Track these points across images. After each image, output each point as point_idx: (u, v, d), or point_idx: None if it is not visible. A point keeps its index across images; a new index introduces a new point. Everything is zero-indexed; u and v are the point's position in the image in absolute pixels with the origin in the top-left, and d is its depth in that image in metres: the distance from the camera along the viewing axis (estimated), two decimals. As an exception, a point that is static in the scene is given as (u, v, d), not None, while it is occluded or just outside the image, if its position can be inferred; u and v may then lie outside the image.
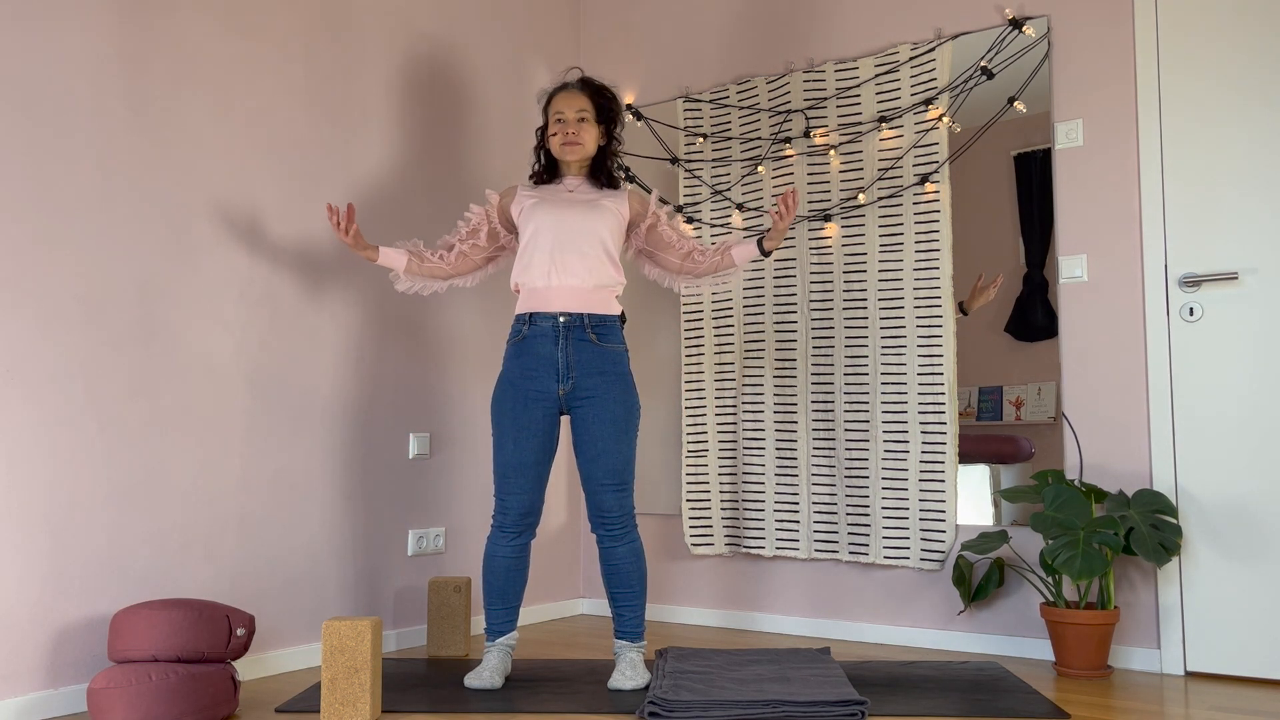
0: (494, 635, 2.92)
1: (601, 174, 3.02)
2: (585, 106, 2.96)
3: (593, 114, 2.98)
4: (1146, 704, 2.67)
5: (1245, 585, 2.96)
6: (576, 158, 2.97)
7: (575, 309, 2.86)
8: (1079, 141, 3.29)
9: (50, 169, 2.68)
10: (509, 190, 3.07)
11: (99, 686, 2.39)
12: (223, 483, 3.02)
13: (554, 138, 2.98)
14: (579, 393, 2.86)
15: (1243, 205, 3.03)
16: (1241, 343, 3.01)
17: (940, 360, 3.46)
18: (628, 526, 2.88)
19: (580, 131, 2.95)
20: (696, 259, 3.02)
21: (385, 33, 3.59)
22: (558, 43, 4.35)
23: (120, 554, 2.77)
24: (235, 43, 3.13)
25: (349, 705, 2.44)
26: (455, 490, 3.75)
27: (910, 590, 3.52)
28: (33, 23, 2.66)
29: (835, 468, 3.65)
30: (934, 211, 3.51)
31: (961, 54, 3.50)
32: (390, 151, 3.58)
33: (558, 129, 2.97)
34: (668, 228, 3.05)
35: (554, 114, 2.98)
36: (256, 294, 3.14)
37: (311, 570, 3.25)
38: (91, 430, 2.73)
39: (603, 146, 3.02)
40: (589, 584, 4.26)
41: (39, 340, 2.64)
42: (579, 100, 2.97)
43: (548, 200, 2.94)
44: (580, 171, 3.03)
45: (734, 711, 2.45)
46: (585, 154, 2.98)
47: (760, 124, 3.91)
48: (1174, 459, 3.09)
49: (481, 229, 3.05)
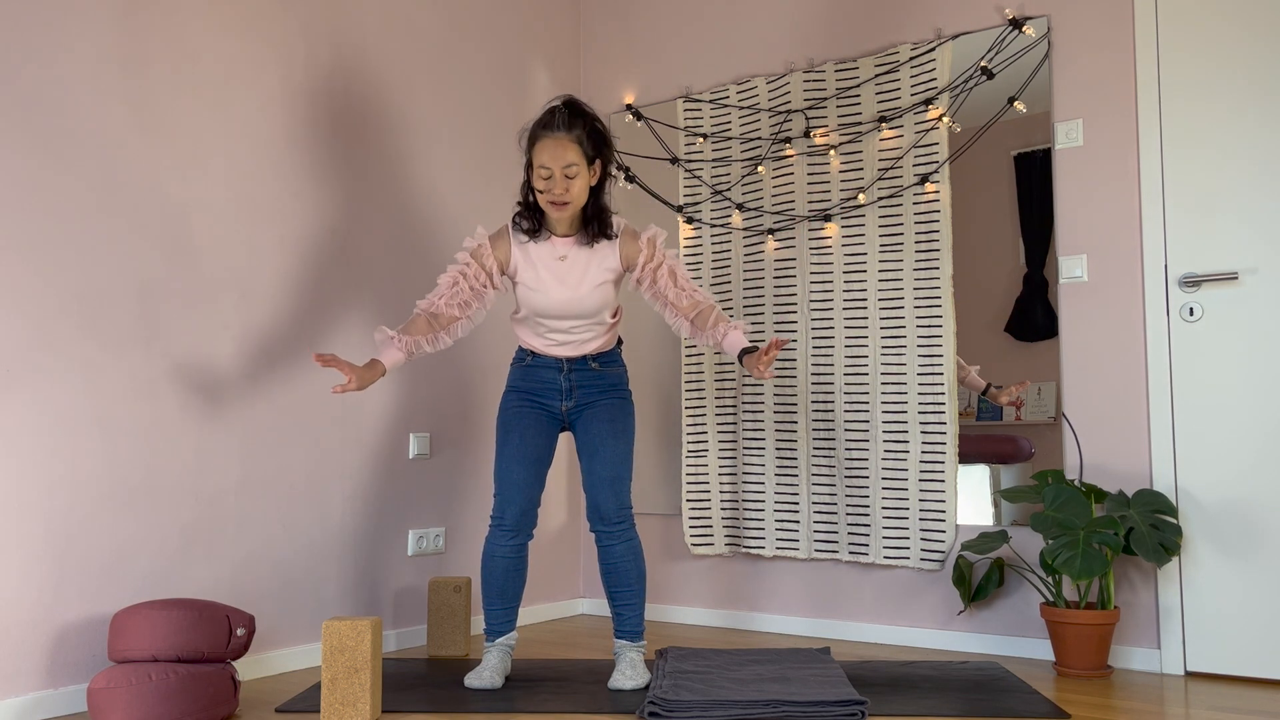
0: (493, 635, 2.93)
1: (593, 223, 2.82)
2: (573, 160, 2.70)
3: (583, 162, 2.73)
4: (1146, 704, 2.67)
5: (1245, 585, 2.96)
6: (566, 215, 2.77)
7: (577, 356, 2.94)
8: (1079, 141, 3.29)
9: (50, 169, 2.68)
10: (500, 237, 2.88)
11: (99, 686, 2.39)
12: (223, 483, 3.02)
13: (540, 195, 2.75)
14: (579, 406, 2.94)
15: (1243, 205, 3.03)
16: (1241, 343, 3.01)
17: (940, 360, 3.46)
18: (626, 525, 2.89)
19: (569, 189, 2.72)
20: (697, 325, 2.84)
21: (385, 32, 3.59)
22: (558, 43, 4.35)
23: (120, 554, 2.77)
24: (235, 43, 3.13)
25: (349, 705, 2.44)
26: (455, 490, 3.75)
27: (910, 590, 3.52)
28: (33, 23, 2.66)
29: (835, 468, 3.65)
30: (934, 211, 3.51)
31: (961, 54, 3.50)
32: (390, 151, 3.58)
33: (544, 186, 2.73)
34: (668, 282, 2.85)
35: (539, 166, 2.72)
36: (256, 294, 3.14)
37: (311, 570, 3.25)
38: (91, 430, 2.73)
39: (594, 186, 2.81)
40: (589, 584, 4.26)
41: (39, 340, 2.64)
42: (566, 152, 2.70)
43: (541, 278, 2.82)
44: (570, 227, 2.84)
45: (734, 711, 2.45)
46: (575, 209, 2.77)
47: (760, 124, 3.91)
48: (1174, 459, 3.09)
49: (473, 303, 2.89)
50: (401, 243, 3.60)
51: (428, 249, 3.69)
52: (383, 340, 2.81)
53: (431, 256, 3.70)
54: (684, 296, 2.86)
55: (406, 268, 3.61)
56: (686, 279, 2.88)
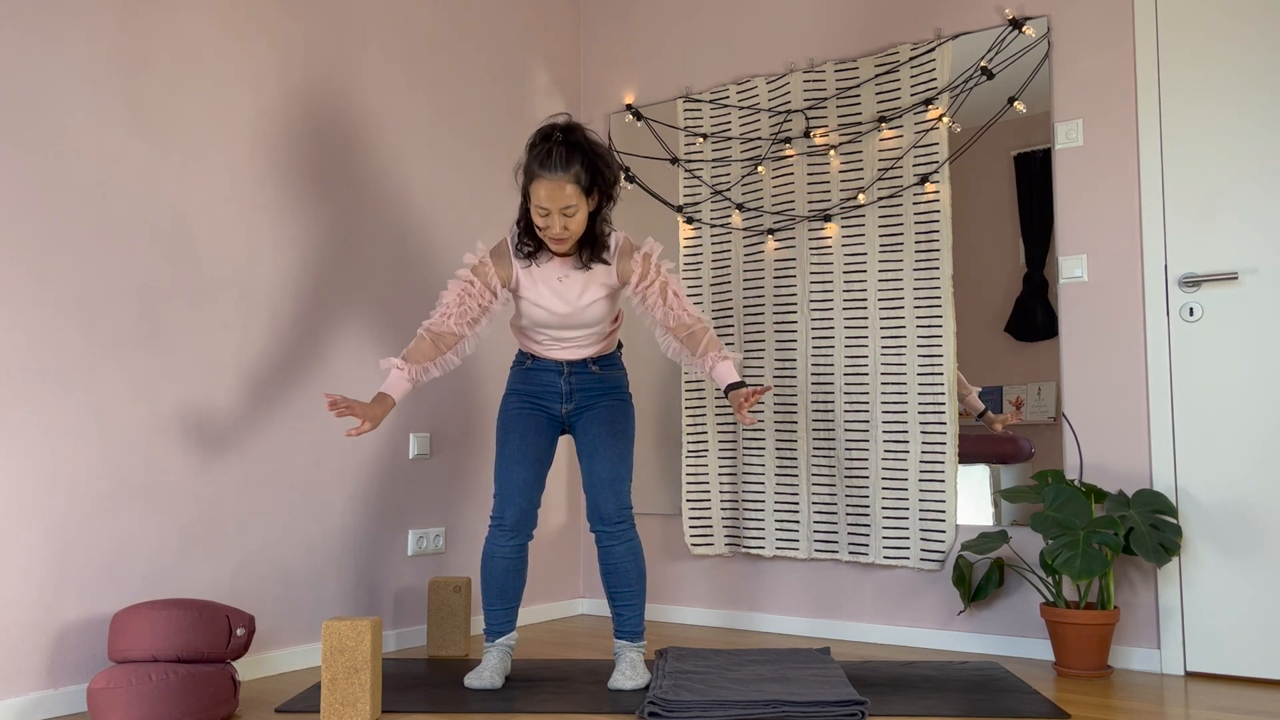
0: (493, 635, 2.93)
1: (587, 249, 2.78)
2: (571, 200, 2.64)
3: (581, 199, 2.67)
4: (1146, 704, 2.67)
5: (1245, 585, 2.96)
6: (565, 249, 2.76)
7: (577, 359, 2.95)
8: (1079, 141, 3.29)
9: (50, 169, 2.68)
10: (500, 254, 2.84)
11: (99, 686, 2.39)
12: (223, 483, 3.02)
13: (539, 230, 2.72)
14: (579, 408, 2.94)
15: (1243, 205, 3.03)
16: (1241, 343, 3.01)
17: (940, 360, 3.46)
18: (626, 525, 2.89)
19: (568, 225, 2.68)
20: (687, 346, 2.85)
21: (385, 33, 3.59)
22: (558, 43, 4.35)
23: (120, 554, 2.77)
24: (235, 43, 3.13)
25: (349, 705, 2.44)
26: (455, 490, 3.75)
27: (910, 590, 3.52)
28: (33, 23, 2.66)
29: (835, 468, 3.65)
30: (934, 212, 3.51)
31: (961, 54, 3.50)
32: (390, 151, 3.58)
33: (543, 223, 2.68)
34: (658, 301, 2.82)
35: (536, 204, 2.67)
36: (256, 294, 3.14)
37: (311, 570, 3.25)
38: (91, 430, 2.73)
39: (593, 213, 2.75)
40: (589, 584, 4.26)
41: (39, 340, 2.64)
42: (563, 193, 2.63)
43: (541, 294, 2.81)
44: (570, 248, 2.79)
45: (734, 711, 2.45)
46: (574, 240, 2.74)
47: (760, 124, 3.91)
48: (1174, 459, 3.09)
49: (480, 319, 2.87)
50: (401, 242, 3.60)
51: (427, 248, 3.69)
52: (389, 370, 2.80)
53: (431, 256, 3.70)
54: (672, 316, 2.83)
55: (406, 267, 3.61)
56: (678, 298, 2.83)
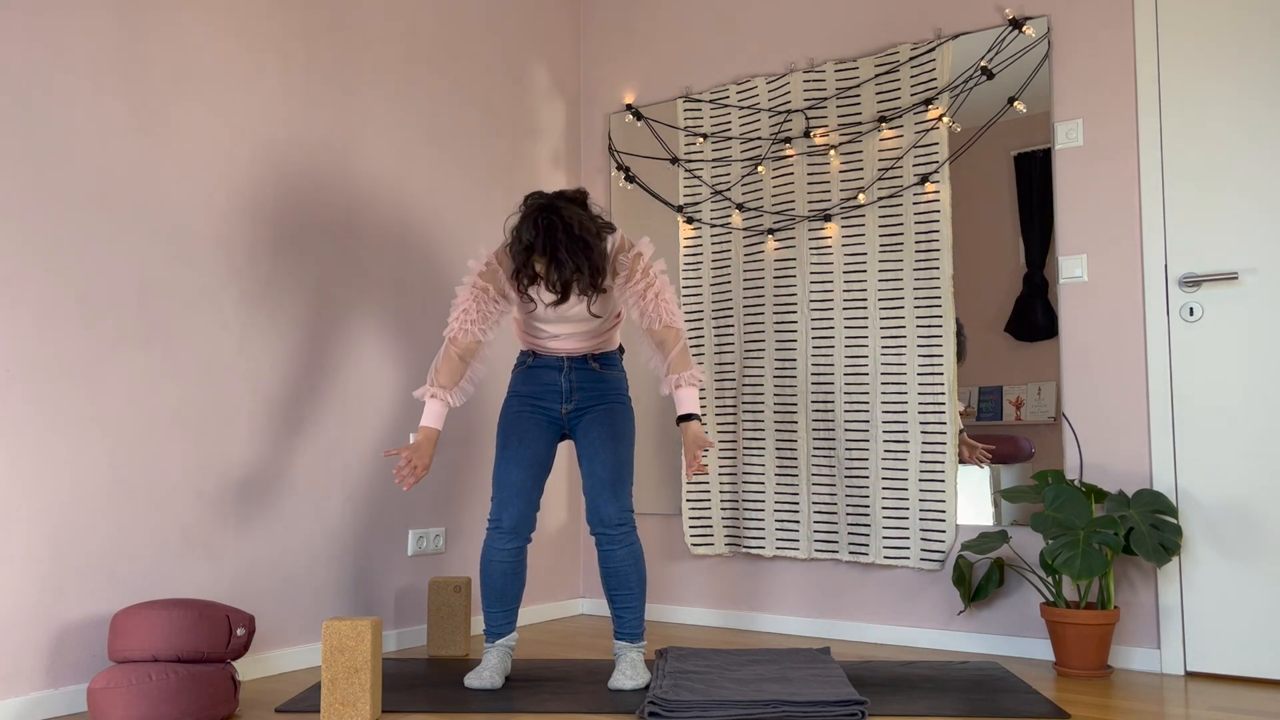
0: (493, 637, 2.93)
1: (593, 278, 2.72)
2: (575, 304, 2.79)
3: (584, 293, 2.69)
4: (1146, 704, 2.67)
5: (1245, 585, 2.96)
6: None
7: (579, 354, 2.95)
8: (1079, 141, 3.29)
9: (50, 169, 2.68)
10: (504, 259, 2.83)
11: (99, 686, 2.39)
12: (223, 483, 3.02)
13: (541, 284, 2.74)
14: (580, 409, 2.94)
15: (1243, 205, 3.03)
16: (1241, 343, 3.01)
17: (940, 360, 3.46)
18: (627, 529, 2.88)
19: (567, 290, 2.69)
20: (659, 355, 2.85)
21: (385, 34, 3.59)
22: (558, 43, 4.35)
23: (120, 554, 2.77)
24: (235, 44, 3.13)
25: (349, 705, 2.44)
26: (455, 490, 3.75)
27: (910, 590, 3.52)
28: (33, 23, 2.66)
29: (835, 468, 3.65)
30: (934, 212, 3.51)
31: (961, 54, 3.50)
32: (390, 152, 3.58)
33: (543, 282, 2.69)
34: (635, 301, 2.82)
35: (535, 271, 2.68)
36: (256, 294, 3.14)
37: (311, 570, 3.25)
38: (91, 430, 2.73)
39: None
40: (589, 584, 4.26)
41: (39, 340, 2.64)
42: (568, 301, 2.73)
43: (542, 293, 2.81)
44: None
45: (734, 711, 2.45)
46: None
47: (760, 124, 3.91)
48: (1174, 459, 3.09)
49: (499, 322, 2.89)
50: (402, 241, 3.60)
51: (428, 248, 3.69)
52: (426, 399, 2.83)
53: (431, 255, 3.70)
54: (646, 318, 2.83)
55: (406, 267, 3.61)
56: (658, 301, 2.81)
